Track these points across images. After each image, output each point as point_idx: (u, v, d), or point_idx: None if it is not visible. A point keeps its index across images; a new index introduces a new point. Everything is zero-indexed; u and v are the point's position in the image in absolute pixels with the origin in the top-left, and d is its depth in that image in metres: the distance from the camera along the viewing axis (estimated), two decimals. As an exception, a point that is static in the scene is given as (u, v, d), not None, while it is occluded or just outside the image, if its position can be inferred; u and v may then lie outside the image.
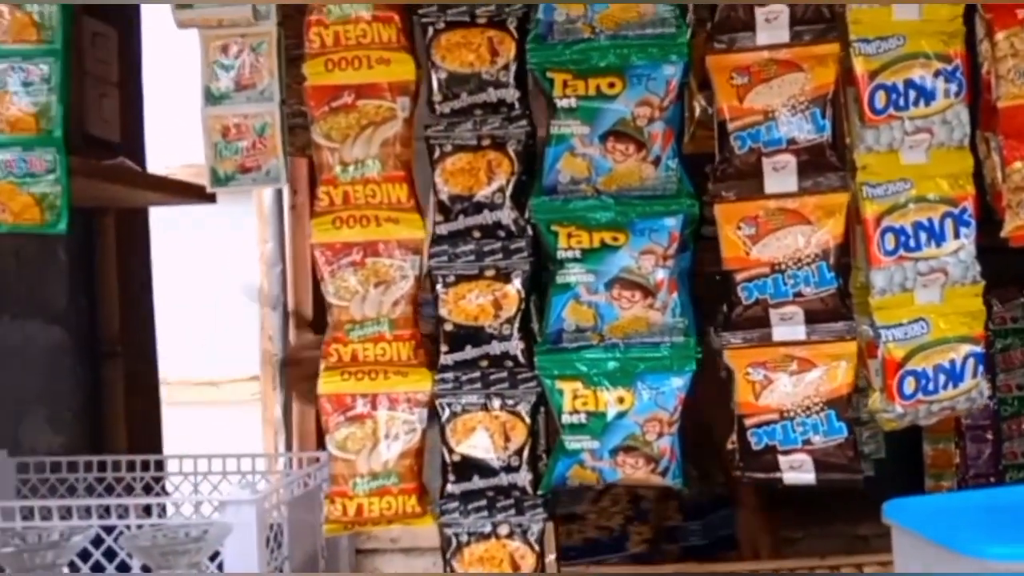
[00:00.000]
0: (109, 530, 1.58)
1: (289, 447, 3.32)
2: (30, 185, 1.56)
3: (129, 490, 2.05)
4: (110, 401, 2.33)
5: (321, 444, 3.28)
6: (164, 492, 2.11)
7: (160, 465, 2.13)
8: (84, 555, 1.54)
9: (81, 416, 2.27)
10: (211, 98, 1.57)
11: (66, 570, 1.37)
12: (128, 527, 1.55)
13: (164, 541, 1.29)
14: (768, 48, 1.52)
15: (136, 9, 2.26)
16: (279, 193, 3.10)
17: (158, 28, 2.34)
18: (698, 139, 1.75)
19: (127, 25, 2.23)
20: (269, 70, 1.56)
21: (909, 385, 1.52)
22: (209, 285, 3.55)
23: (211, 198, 2.19)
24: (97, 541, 1.58)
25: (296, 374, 3.17)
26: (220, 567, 1.60)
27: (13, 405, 2.09)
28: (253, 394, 3.52)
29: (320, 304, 3.30)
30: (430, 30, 1.55)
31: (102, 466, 2.06)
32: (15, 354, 2.09)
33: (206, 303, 3.56)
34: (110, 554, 1.59)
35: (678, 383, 1.56)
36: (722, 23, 1.53)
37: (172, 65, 2.62)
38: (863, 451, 3.56)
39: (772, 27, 1.51)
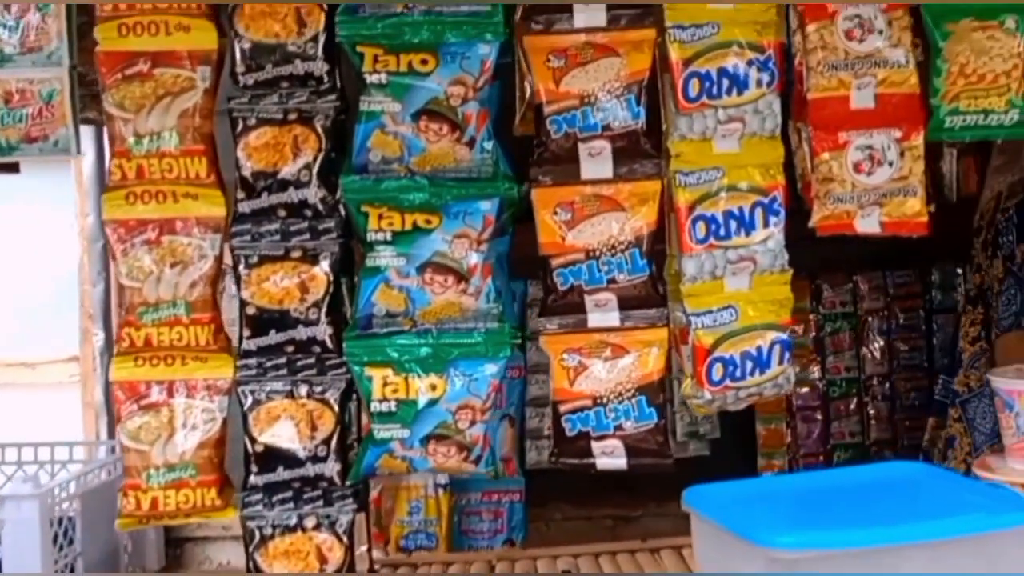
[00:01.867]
0: None
1: (112, 432, 3.16)
2: None
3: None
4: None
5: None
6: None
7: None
8: None
9: None
10: (-9, 59, 1.45)
11: None
12: None
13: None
14: (585, 31, 1.50)
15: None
16: (101, 164, 2.92)
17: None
18: (528, 121, 1.71)
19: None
20: (57, 32, 1.45)
21: (717, 371, 1.52)
22: (23, 260, 3.34)
23: (13, 168, 2.05)
24: None
25: None
26: (-2, 566, 1.50)
27: None
28: (72, 376, 3.34)
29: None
30: (232, -4, 1.47)
31: None
32: None
33: (20, 279, 3.35)
34: None
35: (492, 370, 1.53)
36: (538, 3, 1.50)
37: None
38: (699, 431, 3.64)
39: (589, 10, 1.49)
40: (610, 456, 1.56)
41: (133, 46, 1.44)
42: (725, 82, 1.49)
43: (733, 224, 1.51)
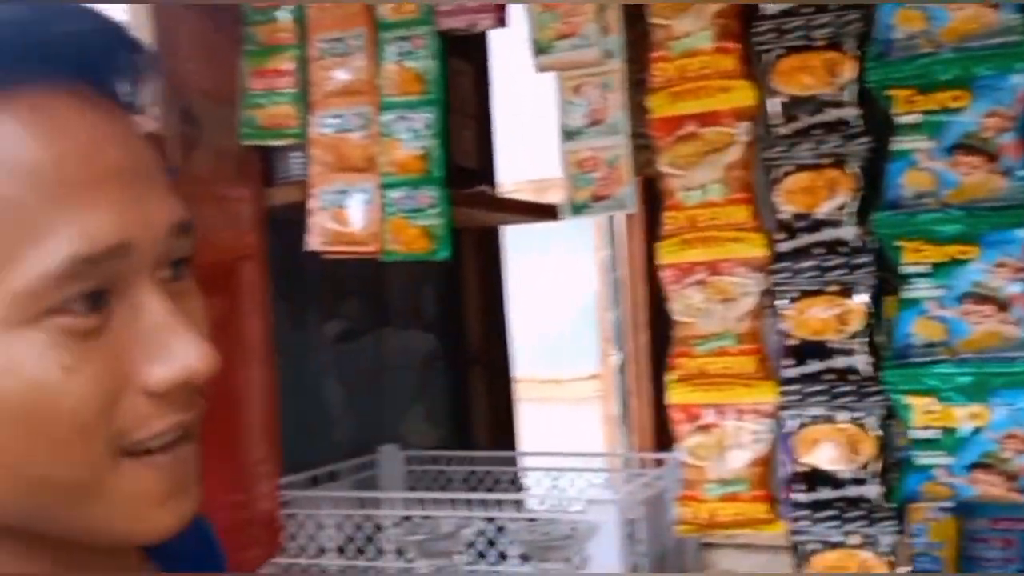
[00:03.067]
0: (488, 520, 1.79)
1: (627, 443, 3.48)
2: (417, 218, 1.78)
3: (494, 482, 2.28)
4: (474, 401, 2.59)
5: (658, 441, 3.43)
6: (520, 485, 2.33)
7: (516, 461, 2.35)
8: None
9: (451, 414, 2.54)
10: (567, 134, 1.72)
11: (456, 557, 1.57)
12: (507, 519, 1.76)
13: (543, 537, 1.45)
14: None
15: (485, 43, 2.47)
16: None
17: (504, 57, 2.57)
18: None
19: (480, 60, 2.46)
20: (617, 105, 1.68)
21: None
22: (552, 291, 3.78)
23: (554, 216, 2.38)
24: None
25: None
26: (584, 560, 1.76)
27: (399, 404, 2.39)
28: (594, 392, 3.71)
29: (653, 306, 3.43)
30: (768, 57, 1.61)
31: (469, 460, 2.30)
32: (399, 359, 2.39)
33: (549, 307, 3.79)
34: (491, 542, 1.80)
35: (1037, 398, 1.52)
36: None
37: (520, 90, 2.83)
38: None
39: None
40: None
41: (682, 111, 1.64)
42: None
43: None
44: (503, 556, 1.78)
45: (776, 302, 1.66)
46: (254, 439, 1.58)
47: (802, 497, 1.66)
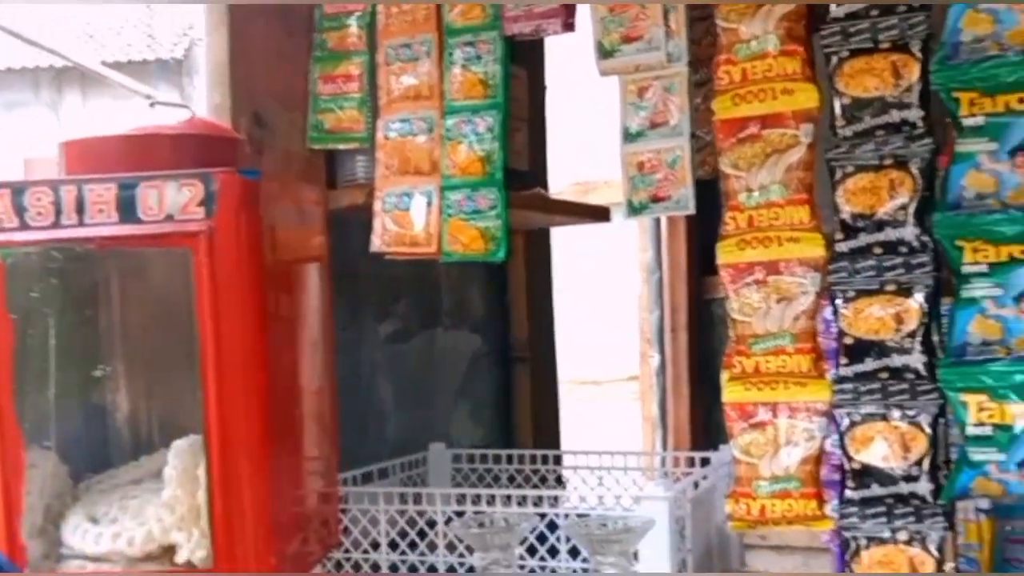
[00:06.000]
0: (540, 516, 1.82)
1: (665, 443, 3.50)
2: (476, 220, 1.82)
3: (543, 480, 2.30)
4: (519, 400, 2.62)
5: (695, 441, 3.44)
6: (561, 482, 2.35)
7: (559, 459, 2.37)
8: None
9: (496, 413, 2.57)
10: (628, 136, 1.75)
11: (517, 550, 1.60)
12: (557, 515, 1.78)
13: (600, 532, 1.48)
14: None
15: (541, 49, 2.51)
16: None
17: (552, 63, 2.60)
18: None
19: (534, 65, 2.49)
20: (679, 107, 1.71)
21: None
22: (595, 292, 3.80)
23: (606, 218, 2.41)
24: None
25: None
26: (634, 556, 1.78)
27: (446, 402, 2.42)
28: (633, 393, 3.72)
29: (693, 308, 3.45)
30: (833, 59, 1.63)
31: (511, 458, 2.33)
32: (447, 359, 2.42)
33: (593, 309, 3.81)
34: (539, 537, 1.83)
35: (1097, 399, 1.53)
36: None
37: (563, 95, 2.86)
38: None
39: None
40: None
41: (745, 112, 1.67)
42: None
43: None
44: (553, 552, 1.81)
45: (835, 301, 1.68)
46: (315, 435, 1.61)
47: (853, 494, 1.68)
